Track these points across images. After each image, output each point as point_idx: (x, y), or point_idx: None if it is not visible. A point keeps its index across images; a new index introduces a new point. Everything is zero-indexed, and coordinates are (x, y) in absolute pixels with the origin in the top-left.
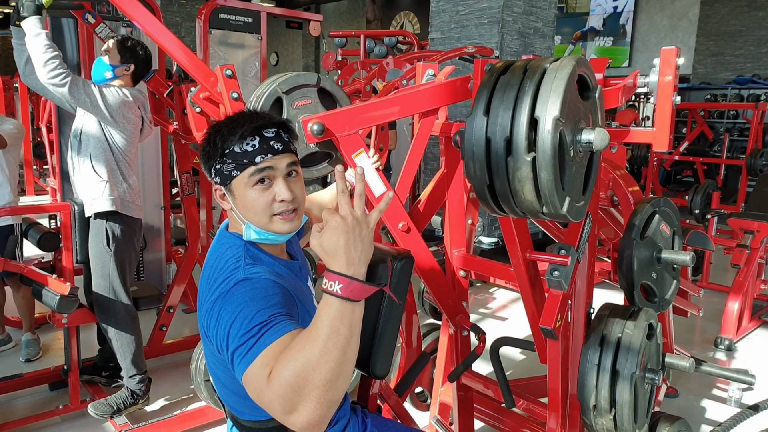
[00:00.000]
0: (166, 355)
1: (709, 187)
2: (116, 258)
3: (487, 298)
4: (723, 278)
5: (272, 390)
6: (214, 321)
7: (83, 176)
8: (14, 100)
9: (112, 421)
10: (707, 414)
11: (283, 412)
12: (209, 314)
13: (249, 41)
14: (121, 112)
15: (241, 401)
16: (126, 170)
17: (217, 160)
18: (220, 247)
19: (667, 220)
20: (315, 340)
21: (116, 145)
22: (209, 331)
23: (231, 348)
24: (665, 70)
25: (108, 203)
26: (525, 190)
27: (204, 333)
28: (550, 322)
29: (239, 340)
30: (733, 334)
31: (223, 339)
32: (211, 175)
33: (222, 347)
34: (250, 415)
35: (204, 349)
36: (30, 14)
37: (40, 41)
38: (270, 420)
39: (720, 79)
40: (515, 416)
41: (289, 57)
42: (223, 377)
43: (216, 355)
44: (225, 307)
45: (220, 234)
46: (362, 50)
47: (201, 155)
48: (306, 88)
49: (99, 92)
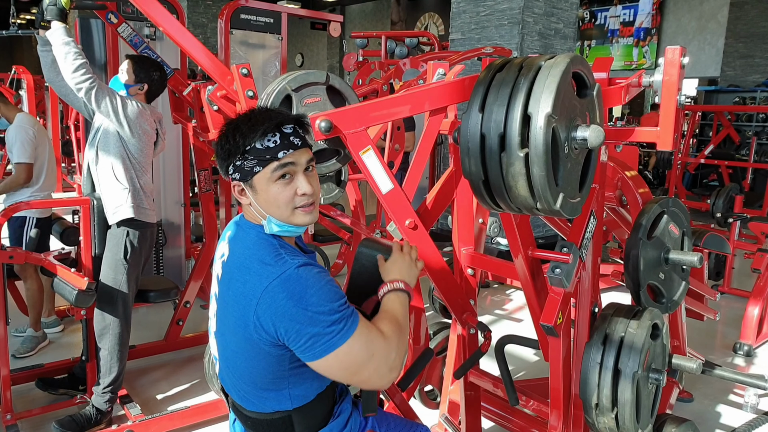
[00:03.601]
0: (182, 349)
1: (732, 191)
2: (130, 271)
3: (504, 299)
4: (746, 283)
5: (378, 360)
6: (273, 308)
7: (105, 183)
8: (44, 99)
9: (128, 412)
10: (722, 419)
11: (382, 377)
12: (261, 301)
13: (270, 41)
14: (138, 123)
15: (256, 392)
16: (142, 178)
17: (237, 157)
18: (247, 237)
19: (676, 220)
20: (399, 321)
21: (132, 154)
22: (263, 317)
23: (315, 330)
24: (670, 69)
25: (130, 211)
26: (518, 186)
27: (238, 321)
28: (551, 319)
29: (328, 322)
30: (753, 340)
31: (299, 322)
32: (228, 172)
33: (293, 330)
34: (259, 407)
35: (225, 339)
36: (53, 17)
37: (68, 49)
38: (276, 413)
39: (749, 81)
40: (523, 415)
41: (314, 58)
42: (244, 366)
43: (246, 343)
44: (293, 294)
45: (241, 225)
46: (383, 51)
47: (218, 153)
48: (315, 85)
49: (121, 102)
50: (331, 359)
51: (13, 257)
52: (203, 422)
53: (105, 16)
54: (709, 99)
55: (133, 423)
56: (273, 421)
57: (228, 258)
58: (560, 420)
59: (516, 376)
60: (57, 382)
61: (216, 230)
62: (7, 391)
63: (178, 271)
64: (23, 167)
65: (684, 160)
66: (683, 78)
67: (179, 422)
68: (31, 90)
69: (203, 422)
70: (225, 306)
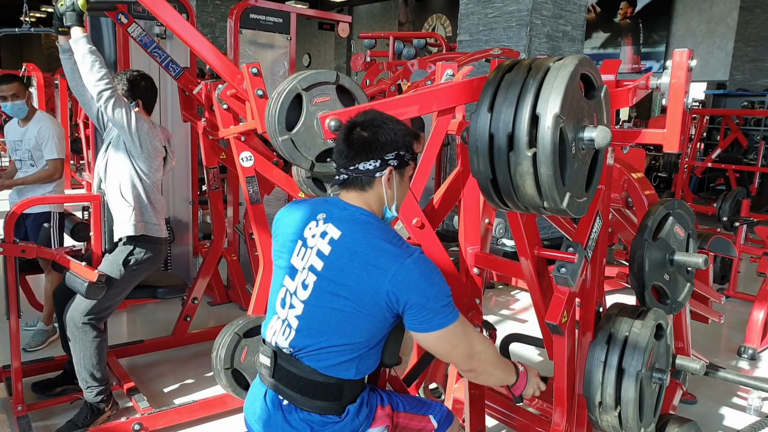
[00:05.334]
0: (189, 345)
1: (739, 195)
2: (124, 279)
3: (509, 300)
4: (752, 287)
5: (470, 345)
6: (407, 281)
7: (112, 200)
8: (54, 97)
9: (136, 405)
10: (725, 422)
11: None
12: (397, 274)
13: (278, 41)
14: (148, 139)
15: (336, 355)
16: (152, 195)
17: (404, 148)
18: (365, 221)
19: (681, 222)
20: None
21: (142, 171)
22: (398, 287)
23: (437, 304)
24: (677, 72)
25: (132, 228)
26: (526, 185)
27: (365, 289)
28: (556, 317)
29: (445, 302)
30: (758, 344)
31: (426, 297)
32: (387, 158)
33: (420, 303)
34: (328, 370)
35: (329, 303)
36: (73, 23)
37: (93, 58)
38: (333, 379)
39: (758, 85)
40: (527, 414)
41: (322, 58)
42: (347, 328)
43: (370, 307)
44: (424, 272)
45: (346, 208)
46: (391, 52)
47: (390, 140)
48: (325, 85)
49: (135, 117)
50: (439, 334)
51: (25, 251)
52: (210, 416)
53: (115, 16)
54: (717, 103)
55: (142, 416)
56: (329, 386)
57: (343, 236)
58: (564, 418)
59: None
60: (52, 382)
61: (224, 228)
62: (18, 383)
63: (186, 268)
64: (58, 163)
65: (691, 163)
66: (690, 81)
67: (187, 416)
68: (41, 87)
69: (210, 416)
70: (340, 275)
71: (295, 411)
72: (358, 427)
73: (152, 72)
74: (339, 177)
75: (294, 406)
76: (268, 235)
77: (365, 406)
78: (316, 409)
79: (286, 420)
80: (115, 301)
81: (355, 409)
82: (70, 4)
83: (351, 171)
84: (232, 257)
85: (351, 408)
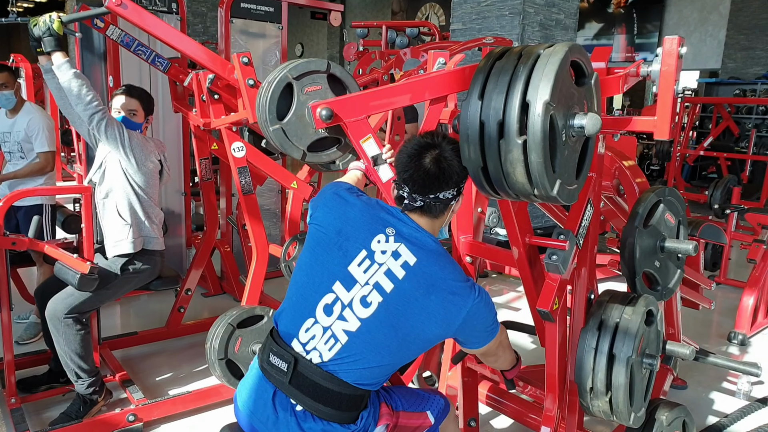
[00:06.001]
0: (183, 336)
1: (730, 182)
2: (118, 283)
3: (502, 288)
4: (742, 274)
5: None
6: (478, 318)
7: (107, 217)
8: (43, 88)
9: (130, 396)
10: (715, 406)
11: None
12: (471, 312)
13: (270, 31)
14: (143, 155)
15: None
16: (150, 209)
17: (463, 181)
18: (431, 247)
19: (672, 209)
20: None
21: (138, 186)
22: (468, 323)
23: (491, 327)
24: (667, 59)
25: (131, 246)
26: (516, 173)
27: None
28: (547, 304)
29: (495, 322)
30: (747, 329)
31: (489, 325)
32: (459, 188)
33: (485, 330)
34: (362, 383)
35: (391, 323)
36: (53, 48)
37: (79, 82)
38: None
39: (750, 74)
40: (520, 401)
41: (314, 48)
42: (400, 351)
43: (430, 335)
44: (489, 305)
45: (413, 227)
46: (384, 41)
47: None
48: (316, 74)
49: (128, 135)
50: (491, 344)
51: (16, 243)
52: (204, 407)
53: (91, 23)
54: (709, 91)
55: (136, 407)
56: (354, 397)
57: (419, 264)
58: (555, 404)
59: None
60: (37, 380)
61: (217, 219)
62: (11, 376)
63: (179, 259)
64: (50, 155)
65: (683, 152)
66: (681, 68)
67: (181, 406)
68: (30, 79)
69: (204, 407)
70: (413, 305)
71: (312, 420)
72: (367, 427)
73: (142, 64)
74: (413, 203)
75: (310, 414)
76: (261, 225)
77: (371, 405)
78: (337, 419)
79: (300, 427)
80: (102, 301)
81: (366, 413)
82: (45, 30)
83: (431, 199)
84: (226, 248)
85: (364, 413)
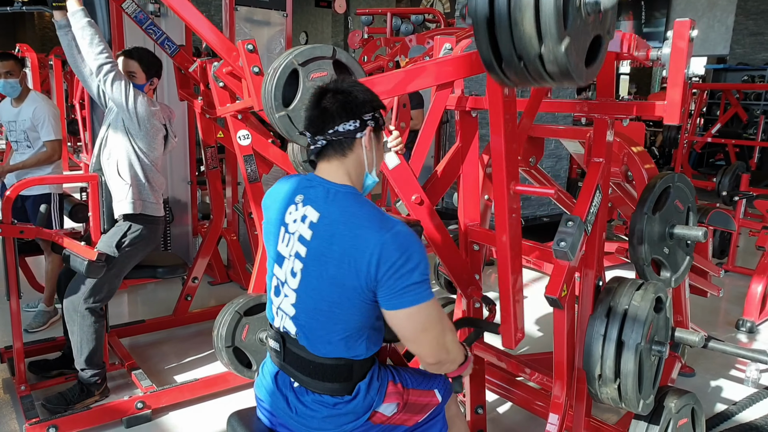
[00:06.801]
0: (191, 324)
1: (738, 169)
2: (120, 259)
3: None
4: (751, 262)
5: (441, 330)
6: (385, 259)
7: (110, 177)
8: (49, 78)
9: (138, 384)
10: (723, 393)
11: (436, 349)
12: (375, 253)
13: (275, 18)
14: (146, 117)
15: (339, 340)
16: (151, 174)
17: (379, 108)
18: (343, 198)
19: (680, 196)
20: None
21: (140, 149)
22: (379, 268)
23: (411, 280)
24: (678, 42)
25: (130, 206)
26: (525, 20)
27: (348, 272)
28: (556, 291)
29: (420, 279)
30: (756, 317)
31: (401, 273)
32: (366, 117)
33: (394, 278)
34: (333, 353)
35: (318, 289)
36: None
37: (91, 31)
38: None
39: (758, 59)
40: (527, 388)
41: (319, 36)
42: (340, 314)
43: (352, 292)
44: (402, 247)
45: (324, 185)
46: (388, 28)
47: (367, 99)
48: (322, 60)
49: (133, 93)
50: (411, 312)
51: (24, 232)
52: (212, 394)
53: None
54: (717, 77)
55: (144, 394)
56: (338, 367)
57: (321, 218)
58: (564, 391)
59: (520, 351)
60: (49, 363)
61: (223, 208)
62: (21, 364)
63: (186, 248)
64: (56, 144)
65: (690, 138)
66: (691, 52)
67: (189, 394)
68: (36, 68)
69: (212, 394)
70: (322, 261)
71: (307, 393)
72: (371, 402)
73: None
74: (316, 145)
75: (305, 389)
76: None
77: (376, 380)
78: (327, 391)
79: (300, 401)
80: (114, 284)
81: (366, 385)
82: None
83: (330, 135)
84: (232, 237)
85: (361, 385)
